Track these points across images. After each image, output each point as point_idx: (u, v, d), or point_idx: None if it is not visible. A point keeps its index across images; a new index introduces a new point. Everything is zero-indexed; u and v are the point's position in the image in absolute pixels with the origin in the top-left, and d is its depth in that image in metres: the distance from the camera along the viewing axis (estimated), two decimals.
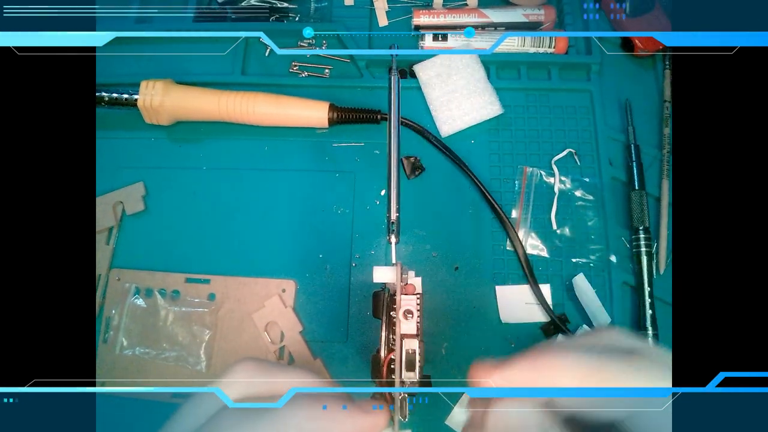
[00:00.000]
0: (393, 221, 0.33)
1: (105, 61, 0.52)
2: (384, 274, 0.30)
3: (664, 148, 0.48)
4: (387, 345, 0.29)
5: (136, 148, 0.50)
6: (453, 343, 0.43)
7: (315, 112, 0.47)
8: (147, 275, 0.45)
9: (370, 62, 0.52)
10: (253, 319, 0.44)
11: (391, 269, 0.29)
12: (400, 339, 0.27)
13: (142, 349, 0.43)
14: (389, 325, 0.29)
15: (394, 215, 0.33)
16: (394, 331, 0.28)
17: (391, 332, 0.29)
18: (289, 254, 0.46)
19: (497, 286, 0.45)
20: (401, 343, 0.27)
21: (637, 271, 0.44)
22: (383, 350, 0.29)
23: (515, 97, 0.51)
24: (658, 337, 0.42)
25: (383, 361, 0.28)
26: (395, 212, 0.33)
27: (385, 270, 0.30)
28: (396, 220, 0.33)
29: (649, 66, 0.53)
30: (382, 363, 0.29)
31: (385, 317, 0.30)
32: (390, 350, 0.29)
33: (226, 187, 0.48)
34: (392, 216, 0.33)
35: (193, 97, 0.47)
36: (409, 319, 0.27)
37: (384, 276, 0.29)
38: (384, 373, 0.28)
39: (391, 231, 0.33)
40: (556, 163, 0.48)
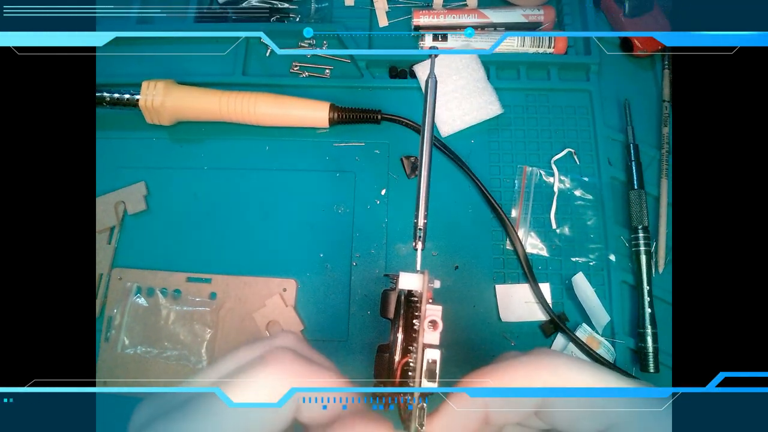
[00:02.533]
0: (420, 228, 0.32)
1: (106, 62, 0.52)
2: (410, 281, 0.29)
3: (663, 147, 0.48)
4: (402, 349, 0.29)
5: (137, 148, 0.50)
6: (453, 341, 0.43)
7: (315, 112, 0.47)
8: (148, 274, 0.45)
9: (371, 62, 0.52)
10: (254, 318, 0.44)
11: (418, 276, 0.29)
12: (422, 348, 0.26)
13: (143, 348, 0.43)
14: (407, 329, 0.29)
15: (422, 221, 0.32)
16: (413, 337, 0.27)
17: (408, 337, 0.29)
18: (290, 253, 0.46)
19: (497, 285, 0.45)
20: (422, 353, 0.26)
21: (636, 270, 0.44)
22: (398, 354, 0.29)
23: (515, 97, 0.51)
24: (657, 336, 0.42)
25: (397, 365, 0.28)
26: (423, 218, 0.32)
27: (412, 277, 0.29)
28: (423, 226, 0.32)
29: (648, 66, 0.53)
30: (396, 366, 0.28)
31: (402, 320, 0.29)
32: (404, 354, 0.28)
33: (227, 186, 0.48)
34: (420, 222, 0.32)
35: (194, 97, 0.47)
36: (434, 330, 0.27)
37: (410, 283, 0.29)
38: (397, 376, 0.28)
39: (418, 237, 0.32)
40: (556, 162, 0.48)
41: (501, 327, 0.44)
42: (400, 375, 0.28)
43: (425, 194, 0.33)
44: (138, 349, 0.43)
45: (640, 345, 0.42)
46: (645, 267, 0.43)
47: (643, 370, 0.41)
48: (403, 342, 0.29)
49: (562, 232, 0.46)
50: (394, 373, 0.28)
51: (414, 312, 0.28)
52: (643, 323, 0.42)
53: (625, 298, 0.44)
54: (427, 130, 0.34)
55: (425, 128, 0.34)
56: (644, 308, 0.42)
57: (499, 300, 0.44)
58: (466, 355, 0.43)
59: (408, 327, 0.29)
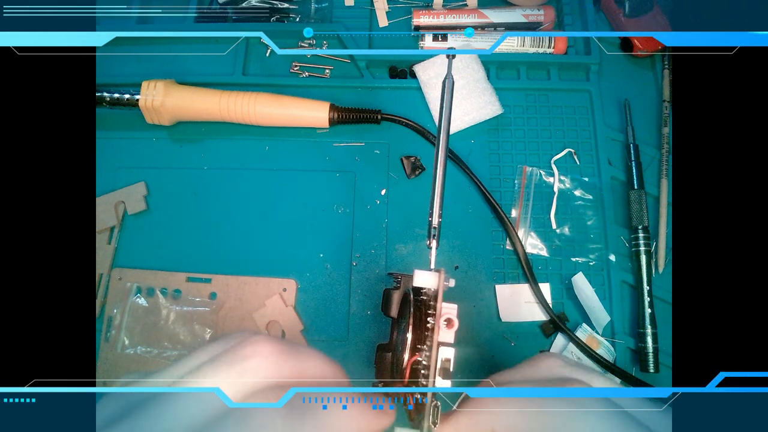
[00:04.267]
0: (435, 226, 0.32)
1: (106, 62, 0.52)
2: (425, 278, 0.29)
3: (663, 147, 0.48)
4: (411, 348, 0.28)
5: (137, 148, 0.50)
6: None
7: (315, 112, 0.47)
8: (148, 274, 0.45)
9: (371, 62, 0.52)
10: (254, 318, 0.44)
11: (433, 274, 0.29)
12: (437, 347, 0.26)
13: (143, 348, 0.43)
14: (418, 328, 0.29)
15: (437, 220, 0.32)
16: (426, 335, 0.27)
17: (419, 335, 0.28)
18: (290, 253, 0.46)
19: (497, 285, 0.45)
20: (437, 351, 0.26)
21: (636, 269, 0.44)
22: (407, 353, 0.28)
23: (515, 97, 0.51)
24: (657, 336, 0.42)
25: (406, 364, 0.28)
26: (438, 217, 0.32)
27: (427, 275, 0.29)
28: (438, 225, 0.32)
29: (648, 66, 0.53)
30: (405, 365, 0.28)
31: (412, 319, 0.29)
32: (413, 353, 0.28)
33: (227, 186, 0.48)
34: (435, 221, 0.32)
35: (194, 97, 0.47)
36: (449, 328, 0.27)
37: (425, 281, 0.29)
38: (406, 375, 0.28)
39: (433, 236, 0.32)
40: (556, 162, 0.48)
41: (501, 327, 0.44)
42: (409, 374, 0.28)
43: (440, 192, 0.33)
44: (138, 349, 0.43)
45: (640, 345, 0.42)
46: (645, 267, 0.44)
47: (643, 370, 0.41)
48: (412, 341, 0.28)
49: (562, 232, 0.46)
50: (402, 372, 0.28)
51: (428, 310, 0.28)
52: (643, 323, 0.42)
53: (625, 298, 0.44)
54: (443, 129, 0.34)
55: (441, 128, 0.34)
56: (644, 308, 0.42)
57: (499, 300, 0.44)
58: (466, 355, 0.43)
59: (418, 325, 0.29)
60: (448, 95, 0.35)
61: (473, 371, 0.42)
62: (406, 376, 0.28)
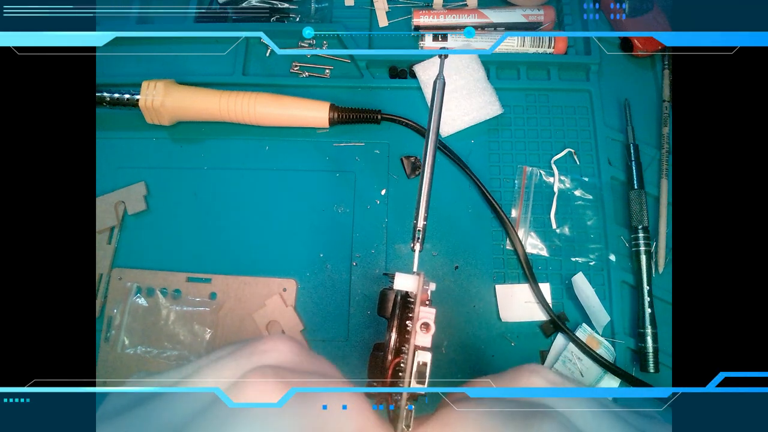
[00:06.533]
0: (419, 229, 0.32)
1: (106, 61, 0.52)
2: (406, 282, 0.29)
3: (663, 147, 0.48)
4: (395, 348, 0.29)
5: (137, 148, 0.50)
6: (453, 341, 0.43)
7: (315, 112, 0.47)
8: (148, 274, 0.45)
9: (371, 62, 0.52)
10: (254, 318, 0.44)
11: (413, 278, 0.29)
12: (413, 350, 0.26)
13: (143, 348, 0.43)
14: (401, 330, 0.29)
15: (422, 223, 0.32)
16: (406, 338, 0.28)
17: (401, 337, 0.29)
18: (290, 253, 0.46)
19: (497, 285, 0.45)
20: (413, 355, 0.26)
21: (636, 269, 0.44)
22: (390, 353, 0.29)
23: (515, 97, 0.51)
24: (657, 336, 0.42)
25: (389, 364, 0.28)
26: (423, 220, 0.32)
27: (407, 278, 0.29)
28: (423, 228, 0.32)
29: (648, 66, 0.53)
30: (388, 366, 0.28)
31: (397, 321, 0.29)
32: (397, 354, 0.28)
33: (227, 186, 0.48)
34: (419, 223, 0.32)
35: (194, 97, 0.47)
36: (426, 333, 0.27)
37: (405, 284, 0.29)
38: (389, 376, 0.28)
39: (417, 239, 0.32)
40: (556, 162, 0.48)
41: (501, 327, 0.44)
42: (391, 374, 0.28)
43: (426, 195, 0.33)
44: (138, 349, 0.43)
45: (640, 345, 0.42)
46: (645, 267, 0.44)
47: (643, 370, 0.41)
48: (396, 342, 0.29)
49: (562, 232, 0.46)
50: (386, 372, 0.28)
51: (409, 313, 0.28)
52: (643, 323, 0.42)
53: (625, 298, 0.44)
54: (432, 132, 0.34)
55: (430, 131, 0.34)
56: (644, 308, 0.42)
57: (499, 300, 0.44)
58: (466, 355, 0.43)
59: (402, 328, 0.29)
60: (439, 96, 0.35)
61: (473, 371, 0.42)
62: (388, 376, 0.28)
